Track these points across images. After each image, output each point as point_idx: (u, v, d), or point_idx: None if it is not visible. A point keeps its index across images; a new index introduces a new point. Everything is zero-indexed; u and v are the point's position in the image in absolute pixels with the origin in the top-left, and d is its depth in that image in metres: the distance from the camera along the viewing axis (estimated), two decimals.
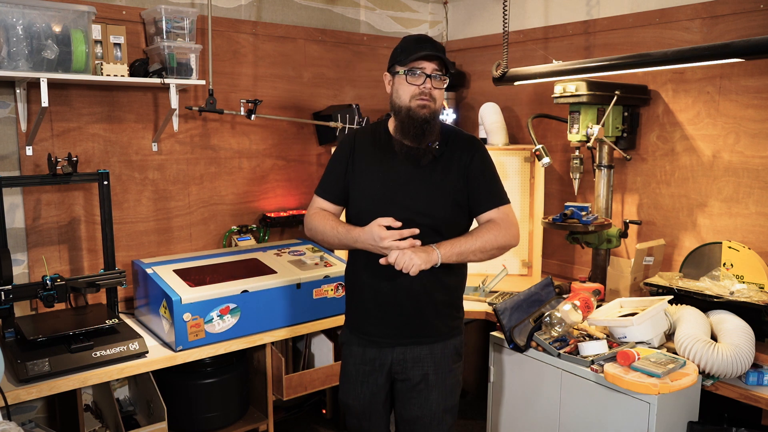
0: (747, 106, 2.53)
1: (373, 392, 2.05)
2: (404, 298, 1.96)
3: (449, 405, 2.04)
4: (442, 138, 1.98)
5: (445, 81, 1.93)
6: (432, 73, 1.88)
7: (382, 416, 2.11)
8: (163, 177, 2.92)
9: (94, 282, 2.42)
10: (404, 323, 1.98)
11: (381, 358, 2.03)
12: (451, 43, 3.85)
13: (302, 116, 3.31)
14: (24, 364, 2.06)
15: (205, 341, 2.43)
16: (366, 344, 2.05)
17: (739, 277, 2.43)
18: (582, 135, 2.64)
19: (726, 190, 2.62)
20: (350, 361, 2.10)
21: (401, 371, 2.01)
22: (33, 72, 2.27)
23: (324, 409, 3.35)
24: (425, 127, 1.89)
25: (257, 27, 3.12)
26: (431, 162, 1.95)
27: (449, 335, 2.04)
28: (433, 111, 1.90)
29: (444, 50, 1.95)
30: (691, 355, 2.07)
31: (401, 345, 2.00)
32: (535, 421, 2.37)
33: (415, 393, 2.00)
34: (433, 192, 1.94)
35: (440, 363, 2.01)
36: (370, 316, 2.02)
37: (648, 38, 2.82)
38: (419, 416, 2.01)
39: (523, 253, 3.22)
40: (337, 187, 2.05)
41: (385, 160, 1.98)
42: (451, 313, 2.05)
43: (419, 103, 1.88)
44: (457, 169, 1.96)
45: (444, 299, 2.01)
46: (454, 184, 1.95)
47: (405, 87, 1.90)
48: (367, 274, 2.00)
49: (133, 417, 2.69)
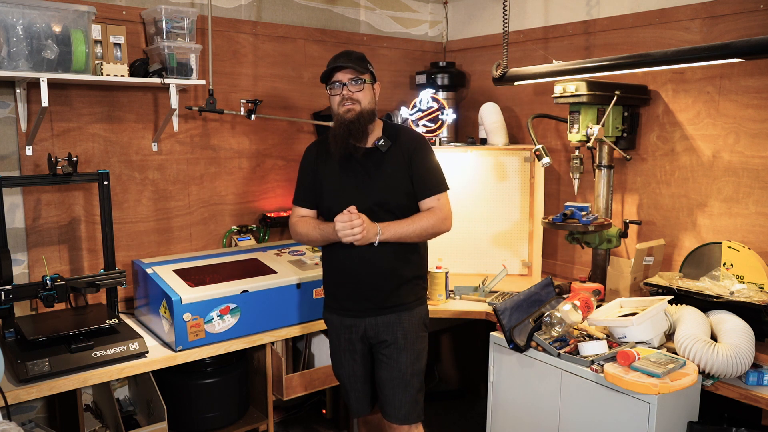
0: (747, 106, 2.53)
1: (354, 359, 2.32)
2: (373, 274, 2.22)
3: (416, 369, 2.28)
4: (389, 135, 2.27)
5: (362, 82, 2.19)
6: (348, 81, 2.18)
7: (366, 382, 2.35)
8: (163, 177, 2.92)
9: (94, 282, 2.42)
10: (376, 297, 2.24)
11: (356, 325, 2.28)
12: (451, 43, 3.85)
13: (302, 116, 3.31)
14: (24, 364, 2.06)
15: (205, 341, 2.43)
16: (343, 315, 2.31)
17: (739, 277, 2.43)
18: (582, 135, 2.64)
19: (726, 190, 2.62)
20: (333, 333, 2.37)
21: (374, 335, 2.27)
22: (33, 72, 2.27)
23: (324, 409, 3.35)
24: (351, 127, 2.18)
25: (257, 27, 3.12)
26: (382, 156, 2.24)
27: (415, 305, 2.30)
28: (359, 112, 2.18)
29: (360, 57, 2.22)
30: (691, 355, 2.06)
31: (373, 315, 2.25)
32: (535, 421, 2.37)
33: (386, 355, 2.26)
34: (387, 183, 2.22)
35: (408, 329, 2.26)
36: (346, 292, 2.29)
37: (648, 38, 2.82)
38: (389, 377, 2.26)
39: (523, 253, 3.22)
40: (309, 194, 2.36)
41: (343, 162, 2.26)
42: (416, 284, 2.31)
43: (344, 108, 2.20)
44: (404, 161, 2.24)
45: (409, 274, 2.27)
46: (403, 174, 2.23)
47: (332, 99, 2.24)
48: (342, 258, 2.25)
49: (133, 417, 2.69)
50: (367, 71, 2.22)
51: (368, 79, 2.23)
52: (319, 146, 2.38)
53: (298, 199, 2.38)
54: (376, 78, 2.30)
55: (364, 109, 2.20)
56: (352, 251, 2.20)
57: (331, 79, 2.22)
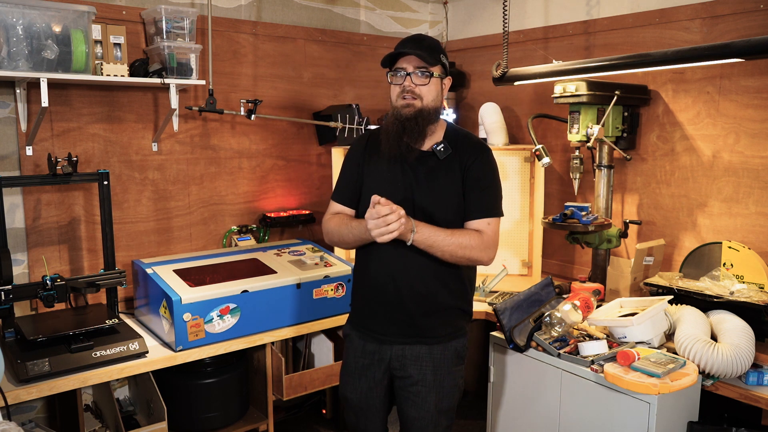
0: (747, 106, 2.53)
1: (371, 386, 2.06)
2: (408, 299, 1.96)
3: (445, 407, 2.03)
4: (449, 140, 1.99)
5: (428, 75, 1.90)
6: (413, 71, 1.89)
7: (379, 412, 2.10)
8: (163, 177, 2.92)
9: (94, 282, 2.42)
10: (405, 322, 1.99)
11: (380, 353, 2.03)
12: (451, 43, 3.85)
13: (302, 116, 3.31)
14: (24, 364, 2.06)
15: (205, 341, 2.43)
16: (367, 338, 2.06)
17: (739, 277, 2.43)
18: (582, 135, 2.64)
19: (726, 190, 2.62)
20: (351, 353, 2.10)
21: (400, 368, 2.01)
22: (33, 72, 2.26)
23: (324, 409, 3.35)
24: (406, 125, 1.90)
25: (257, 27, 3.12)
26: (437, 163, 1.96)
27: (451, 337, 2.02)
28: (419, 109, 1.90)
29: (433, 45, 1.92)
30: (691, 355, 2.07)
31: (401, 343, 2.00)
32: (535, 421, 2.37)
33: (413, 393, 2.01)
34: (437, 193, 1.95)
35: (439, 364, 2.00)
36: (373, 312, 2.03)
37: (648, 38, 2.82)
38: (415, 417, 2.02)
39: (523, 253, 3.22)
40: (349, 190, 2.07)
41: (392, 162, 1.98)
42: (454, 315, 2.03)
43: (402, 102, 1.91)
44: (459, 172, 1.96)
45: (447, 302, 2.00)
46: (456, 188, 1.96)
47: (392, 88, 1.95)
48: (373, 272, 2.01)
49: (133, 417, 2.69)
50: (438, 63, 1.90)
51: (438, 72, 1.91)
52: (370, 138, 2.08)
53: (335, 194, 2.10)
54: (448, 72, 1.99)
55: (426, 107, 1.90)
56: (386, 265, 1.96)
57: (394, 65, 1.91)
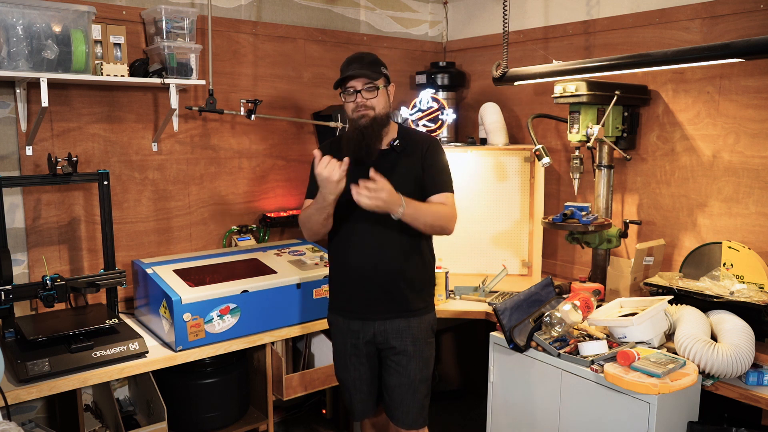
0: (747, 106, 2.53)
1: (361, 362, 2.29)
2: (384, 276, 2.19)
3: (424, 375, 2.27)
4: (402, 137, 2.28)
5: (375, 89, 2.17)
6: (362, 88, 2.16)
7: (371, 388, 2.33)
8: (163, 177, 2.92)
9: (94, 282, 2.42)
10: (383, 299, 2.21)
11: (364, 330, 2.25)
12: (451, 43, 3.85)
13: (302, 116, 3.31)
14: (24, 364, 2.06)
15: (205, 341, 2.43)
16: (350, 318, 2.27)
17: (739, 277, 2.43)
18: (582, 135, 2.64)
19: (726, 190, 2.62)
20: (338, 336, 2.34)
21: (383, 341, 2.24)
22: (33, 72, 2.27)
23: (324, 409, 3.35)
24: (365, 132, 2.17)
25: (257, 27, 3.12)
26: (397, 156, 2.23)
27: (425, 311, 2.27)
28: (373, 117, 2.17)
29: (372, 61, 2.20)
30: (691, 355, 2.06)
31: (382, 318, 2.22)
32: (535, 421, 2.37)
33: (395, 362, 2.24)
34: (399, 181, 2.14)
35: (417, 336, 2.24)
36: (354, 294, 2.25)
37: (648, 38, 2.82)
38: (398, 384, 2.25)
39: (523, 253, 3.23)
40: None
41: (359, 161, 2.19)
42: (425, 290, 2.29)
43: (358, 114, 2.19)
44: (418, 160, 2.24)
45: (417, 277, 2.24)
46: (416, 173, 2.23)
47: (346, 105, 2.22)
48: (350, 257, 2.22)
49: (133, 417, 2.69)
50: (380, 76, 2.19)
51: (382, 83, 2.20)
52: (332, 145, 2.35)
53: (309, 193, 2.32)
54: (390, 79, 2.26)
55: (378, 115, 2.19)
56: (361, 248, 2.19)
57: (345, 84, 2.20)
